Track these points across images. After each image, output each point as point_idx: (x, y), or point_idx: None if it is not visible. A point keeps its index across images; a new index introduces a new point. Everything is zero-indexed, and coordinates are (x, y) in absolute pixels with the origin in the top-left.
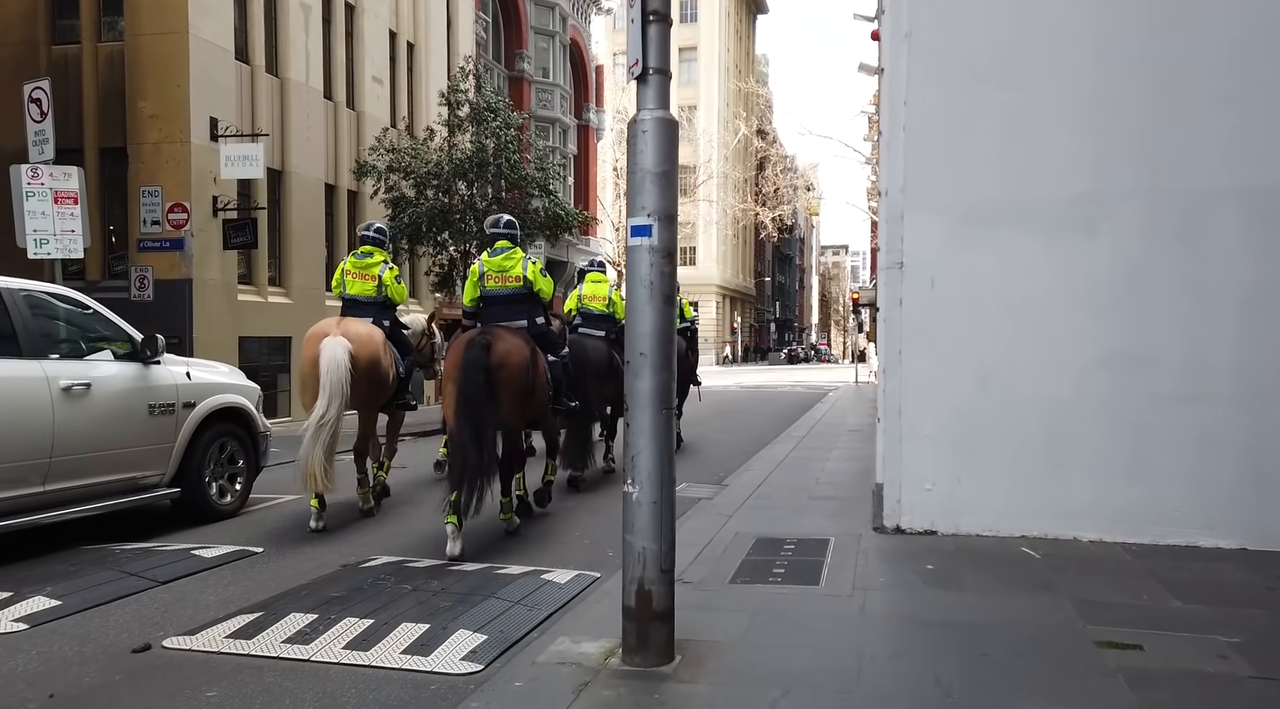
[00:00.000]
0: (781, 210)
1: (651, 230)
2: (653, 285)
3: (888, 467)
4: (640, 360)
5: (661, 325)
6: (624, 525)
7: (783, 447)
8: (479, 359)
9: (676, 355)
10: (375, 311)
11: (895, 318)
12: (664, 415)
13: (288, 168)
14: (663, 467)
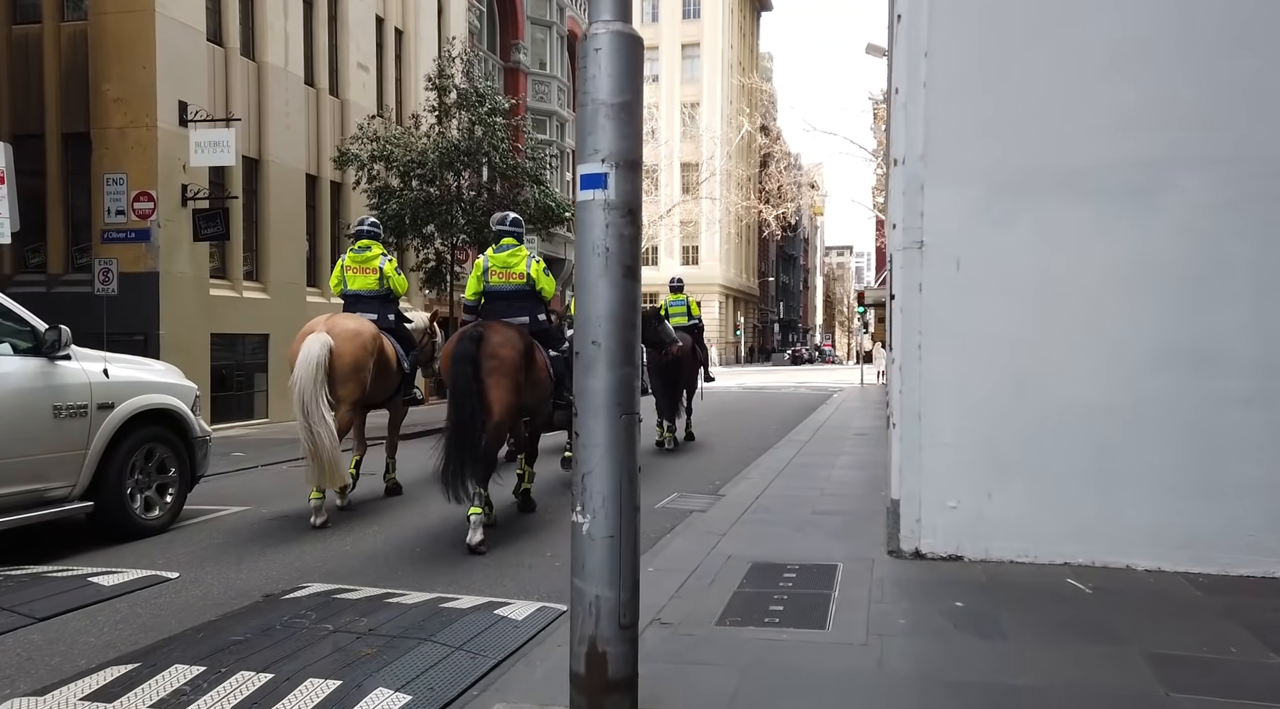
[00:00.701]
0: (785, 207)
1: (607, 180)
2: (609, 253)
3: (905, 480)
4: (593, 351)
5: (620, 306)
6: (572, 565)
7: (785, 451)
8: (469, 351)
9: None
10: (379, 305)
11: (914, 307)
12: (624, 422)
13: (266, 156)
14: (622, 489)
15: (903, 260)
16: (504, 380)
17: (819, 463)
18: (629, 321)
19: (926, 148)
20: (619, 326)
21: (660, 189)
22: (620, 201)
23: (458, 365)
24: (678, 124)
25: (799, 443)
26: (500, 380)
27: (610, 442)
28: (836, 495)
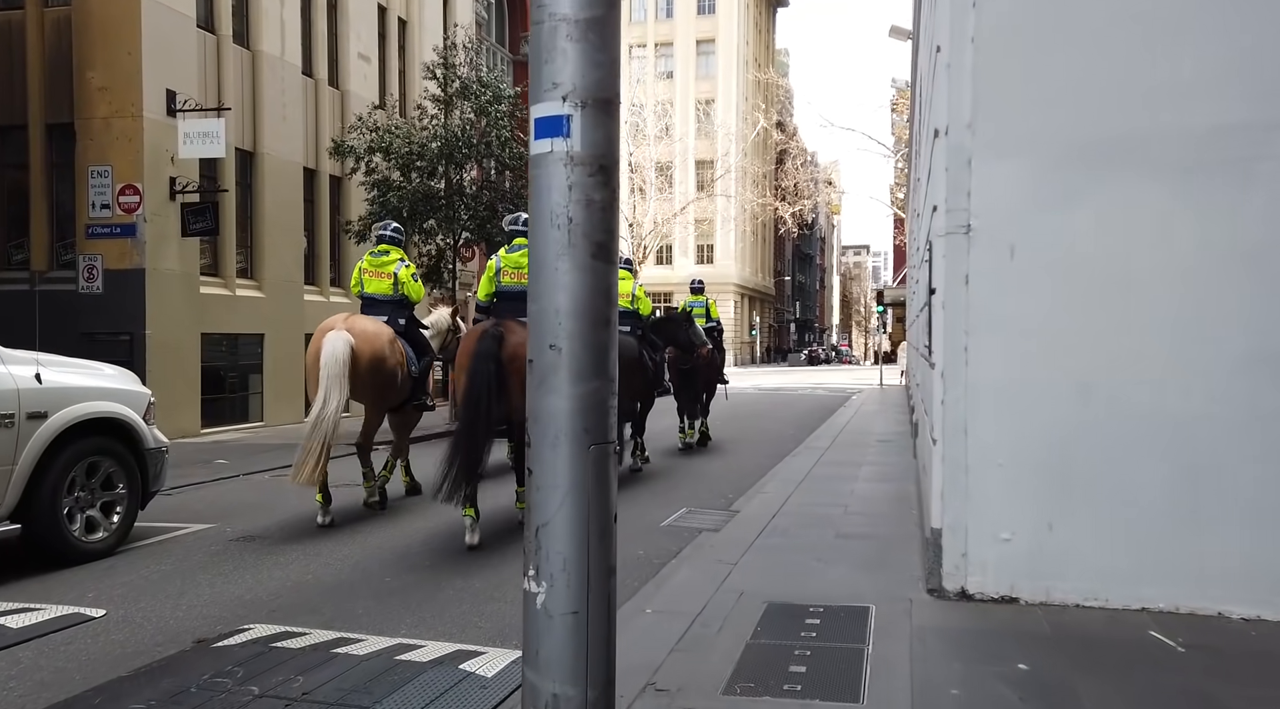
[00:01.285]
0: (802, 205)
1: (569, 125)
2: (572, 226)
3: (949, 506)
4: (550, 360)
5: (588, 297)
6: (523, 649)
7: (804, 460)
8: (490, 349)
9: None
10: (392, 310)
11: (959, 301)
12: (594, 456)
13: (260, 149)
14: (591, 548)
15: (946, 247)
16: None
17: (840, 474)
18: (600, 318)
19: (974, 114)
20: (586, 325)
21: (675, 185)
22: (588, 154)
23: (479, 362)
24: (692, 121)
25: (818, 450)
26: (522, 380)
27: (574, 482)
28: (862, 514)
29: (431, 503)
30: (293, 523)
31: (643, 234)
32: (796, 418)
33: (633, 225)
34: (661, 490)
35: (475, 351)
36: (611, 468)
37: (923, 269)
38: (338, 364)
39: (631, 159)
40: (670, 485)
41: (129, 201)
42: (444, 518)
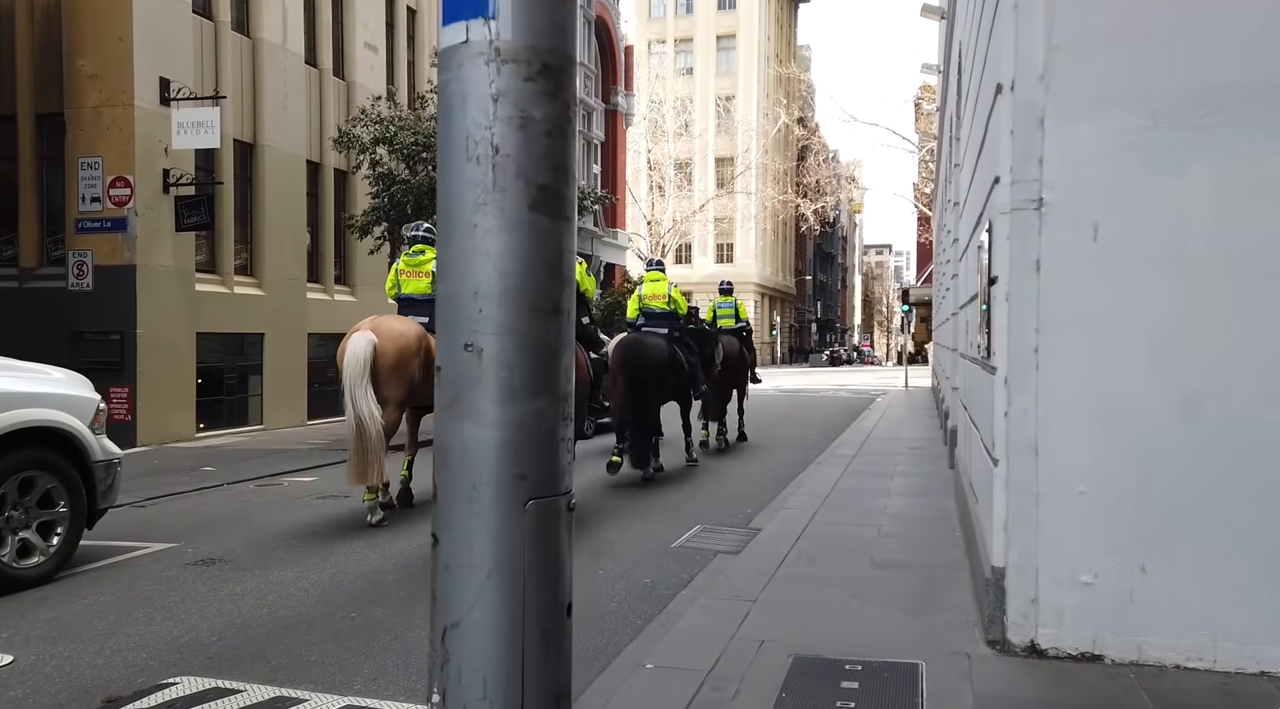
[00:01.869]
0: (824, 201)
1: (491, 2)
2: (499, 157)
3: (1015, 541)
4: (465, 365)
5: (524, 271)
6: None
7: (829, 469)
8: None
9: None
10: (430, 309)
11: (1028, 292)
12: (537, 515)
13: (261, 141)
14: (530, 666)
15: (1011, 227)
16: None
17: (870, 487)
18: (545, 304)
19: (1049, 63)
20: (522, 315)
21: (695, 182)
22: (523, 46)
23: None
24: (712, 117)
25: (844, 458)
26: None
27: (502, 559)
28: (898, 537)
29: (417, 520)
30: (263, 543)
31: (661, 232)
32: (820, 422)
33: (651, 223)
34: (675, 503)
35: None
36: (563, 533)
37: (968, 259)
38: (358, 364)
39: (650, 156)
40: (685, 497)
41: (119, 194)
42: (425, 539)
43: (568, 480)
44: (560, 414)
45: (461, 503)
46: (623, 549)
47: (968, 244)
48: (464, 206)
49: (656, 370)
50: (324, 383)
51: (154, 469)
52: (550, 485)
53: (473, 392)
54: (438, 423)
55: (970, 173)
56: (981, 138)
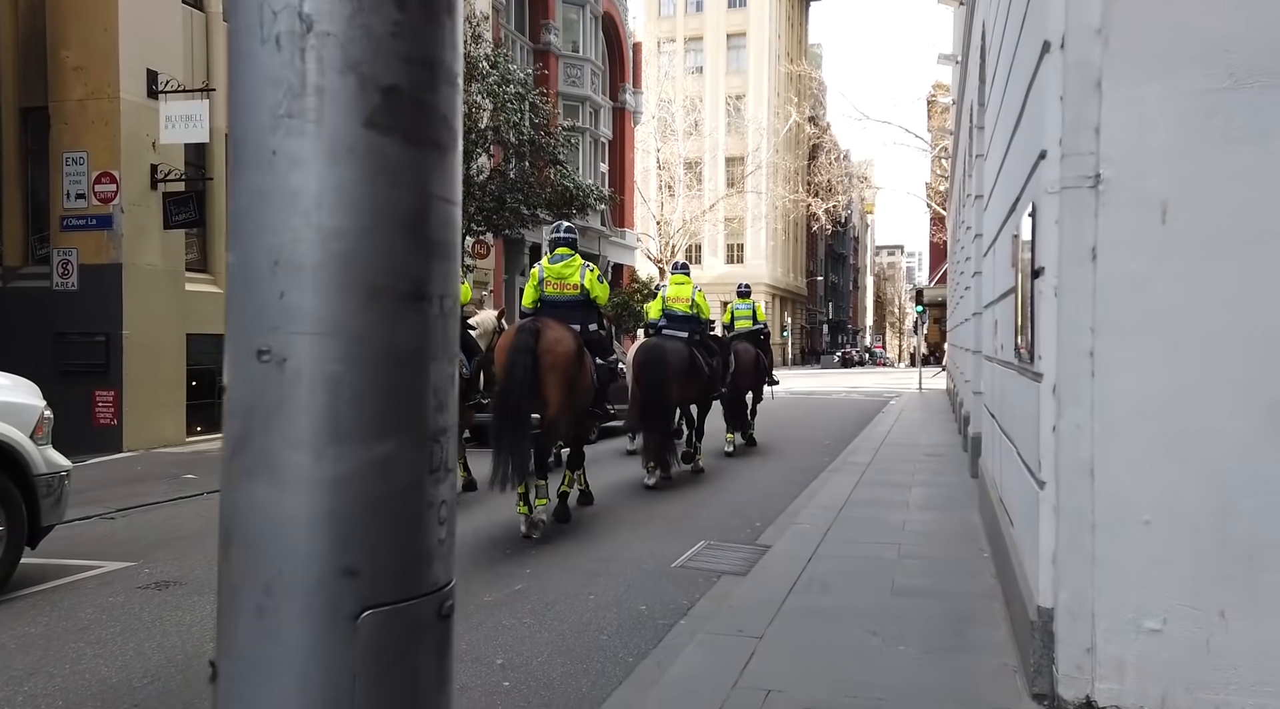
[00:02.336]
0: (836, 200)
1: None
2: (311, 32)
3: (1067, 578)
4: (256, 380)
5: (362, 227)
6: None
7: (843, 478)
8: (527, 343)
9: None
10: None
11: (1081, 285)
12: (372, 634)
13: None
14: None
15: (1061, 209)
16: (560, 376)
17: (887, 498)
18: (403, 287)
19: (1107, 14)
20: (355, 303)
21: (705, 182)
22: None
23: (515, 355)
24: (722, 116)
25: (858, 466)
26: (556, 376)
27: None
28: (921, 558)
29: None
30: None
31: (671, 232)
32: (832, 426)
33: (660, 223)
34: (679, 514)
35: (513, 345)
36: (430, 660)
37: (996, 253)
38: None
39: (660, 155)
40: (690, 507)
41: (105, 190)
42: None
43: (440, 572)
44: (427, 464)
45: (248, 614)
46: (619, 568)
47: (995, 236)
48: (257, 120)
49: (677, 374)
50: None
51: (134, 476)
52: (404, 584)
53: (267, 430)
54: (223, 474)
55: (1001, 154)
56: (1019, 110)
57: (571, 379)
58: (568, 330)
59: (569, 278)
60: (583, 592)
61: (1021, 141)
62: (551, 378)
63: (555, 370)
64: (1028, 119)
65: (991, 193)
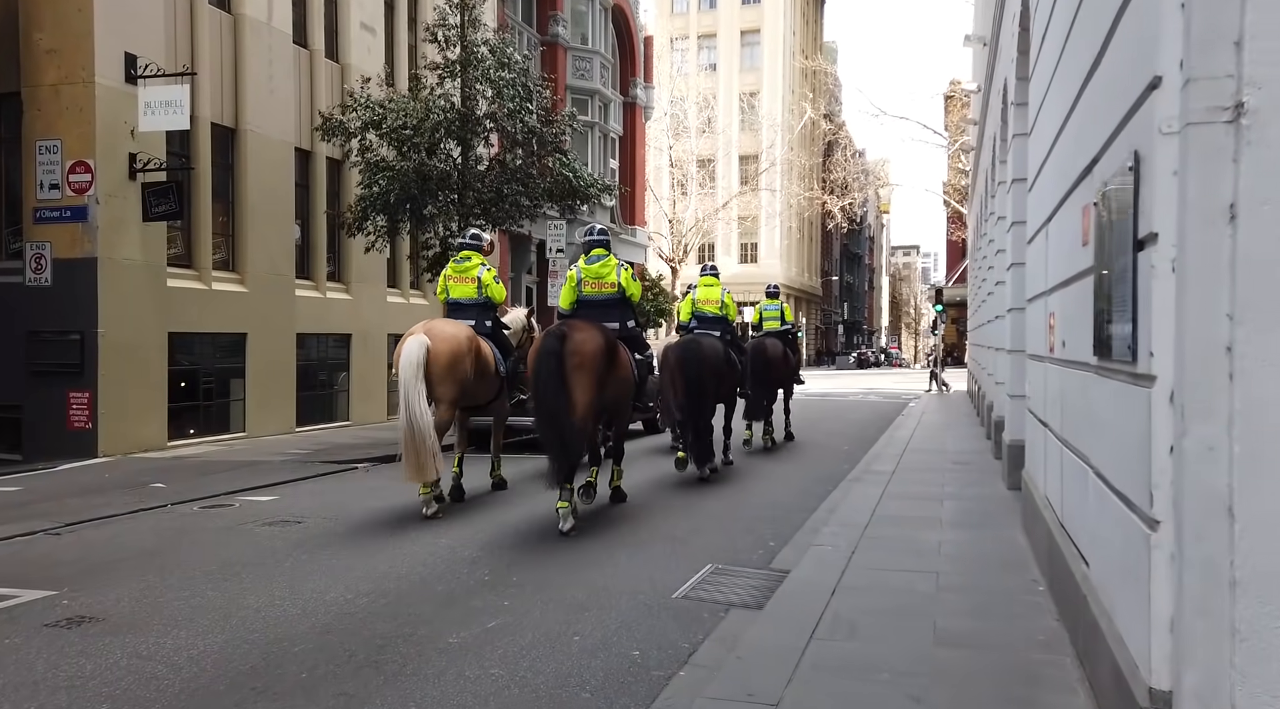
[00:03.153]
0: (852, 198)
1: None
2: None
3: (1193, 652)
4: None
5: None
6: None
7: (866, 489)
8: (553, 347)
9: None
10: (477, 313)
11: (1212, 255)
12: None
13: (243, 125)
14: None
15: (1183, 154)
16: (587, 375)
17: (917, 513)
18: None
19: None
20: None
21: (718, 180)
22: None
23: (542, 358)
24: (736, 114)
25: (882, 475)
26: (583, 375)
27: None
28: (964, 591)
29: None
30: (163, 589)
31: (684, 231)
32: (851, 430)
33: (673, 222)
34: (686, 531)
35: (540, 349)
36: None
37: (1051, 237)
38: (412, 367)
39: (672, 153)
40: (698, 522)
41: (80, 180)
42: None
43: None
44: None
45: None
46: (611, 600)
47: (1049, 217)
48: None
49: (714, 371)
50: (314, 386)
51: (99, 485)
52: None
53: None
54: None
55: (1063, 115)
56: (1101, 45)
57: (601, 377)
58: (595, 329)
59: (606, 277)
60: (566, 631)
61: (1106, 84)
62: (579, 378)
63: (582, 370)
64: (1119, 49)
65: (1041, 169)
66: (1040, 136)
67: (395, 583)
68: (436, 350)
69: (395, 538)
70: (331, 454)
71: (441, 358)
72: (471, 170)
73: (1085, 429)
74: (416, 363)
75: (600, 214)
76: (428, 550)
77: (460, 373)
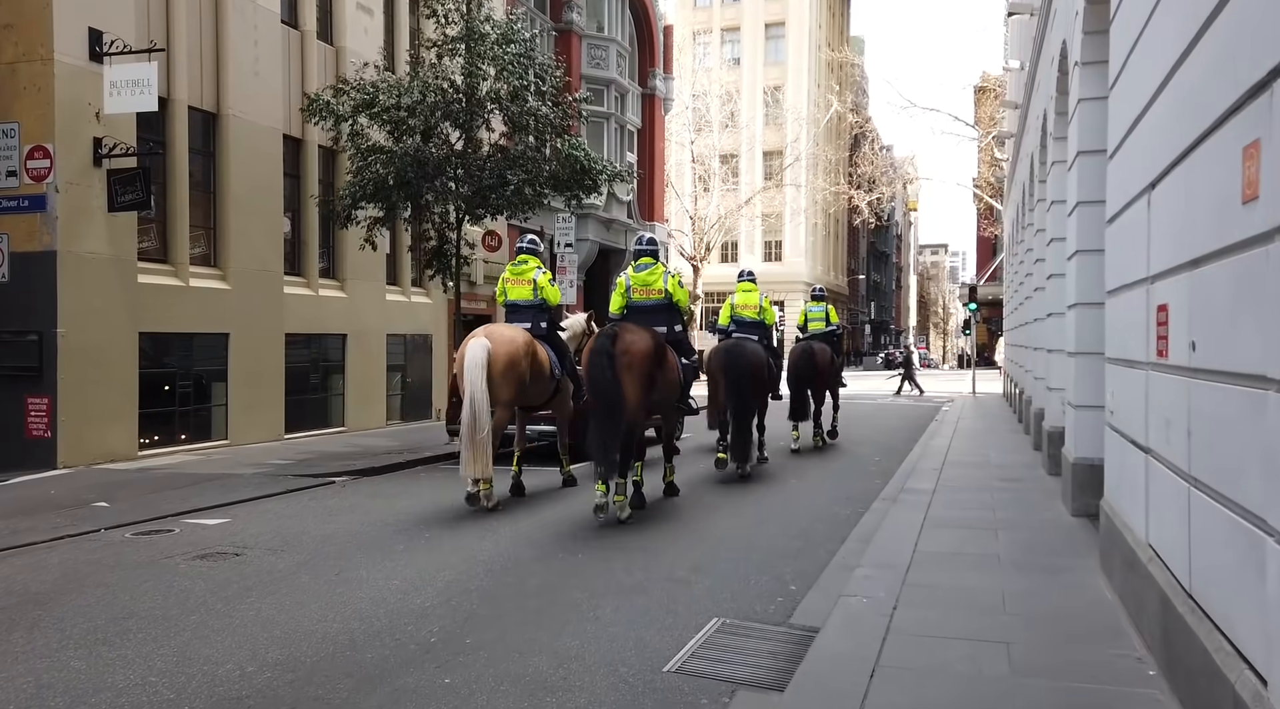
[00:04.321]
0: (881, 192)
1: None
2: None
3: None
4: None
5: None
6: None
7: (904, 514)
8: (605, 347)
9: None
10: (533, 314)
11: None
12: None
13: (226, 109)
14: None
15: None
16: (637, 375)
17: (967, 548)
18: None
19: None
20: None
21: (741, 176)
22: None
23: (595, 358)
24: (760, 108)
25: (920, 494)
26: (633, 375)
27: None
28: (1050, 673)
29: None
30: (10, 658)
31: (705, 228)
32: (881, 437)
33: (695, 220)
34: (690, 568)
35: (593, 349)
36: None
37: (1157, 203)
38: (476, 368)
39: (693, 148)
40: (707, 553)
41: (38, 167)
42: (292, 627)
43: None
44: None
45: None
46: (585, 676)
47: (1151, 183)
48: None
49: (754, 374)
50: (305, 390)
51: (38, 504)
52: None
53: None
54: None
55: (1195, 28)
56: None
57: (650, 377)
58: (644, 332)
59: (653, 284)
60: None
61: None
62: (629, 378)
63: (631, 370)
64: None
65: (1134, 128)
66: (1133, 88)
67: (315, 647)
68: (496, 353)
69: (340, 578)
70: (313, 466)
71: (500, 360)
72: (472, 156)
73: (1251, 473)
74: (480, 364)
75: (616, 208)
76: (373, 596)
77: (517, 374)
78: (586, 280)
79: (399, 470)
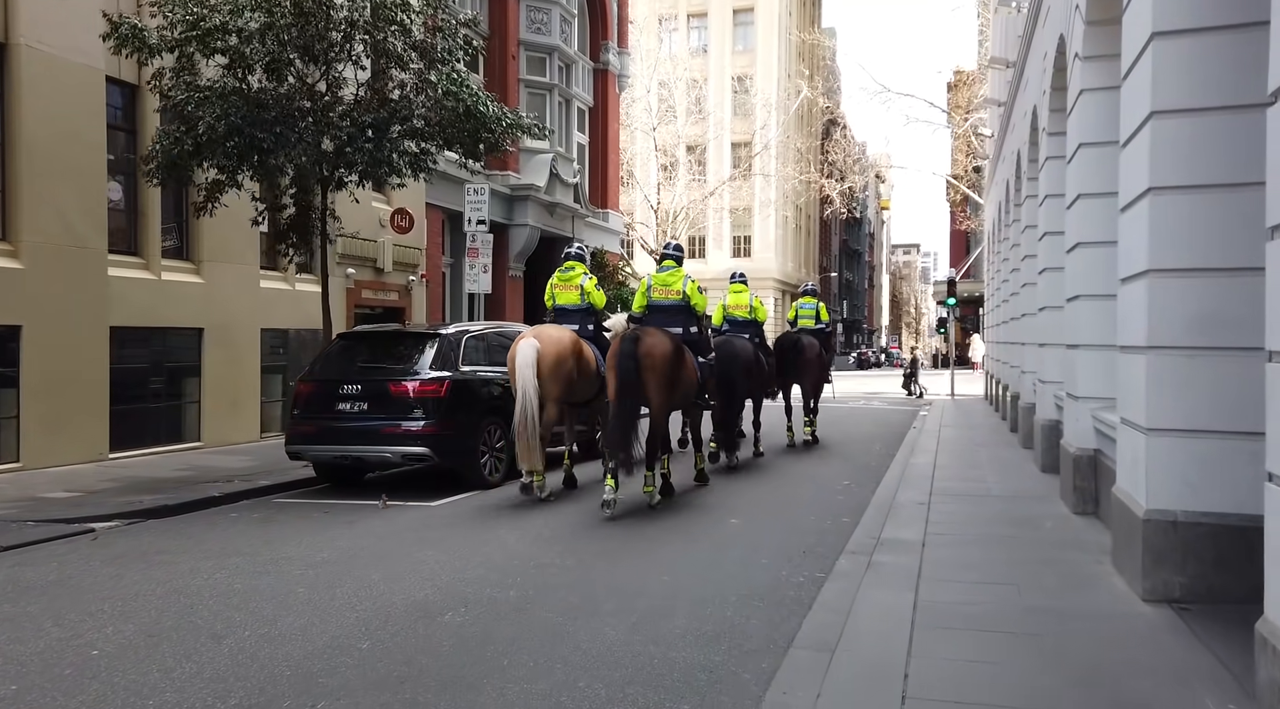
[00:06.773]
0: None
1: None
2: None
3: None
4: None
5: None
6: None
7: (879, 600)
8: (629, 350)
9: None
10: (580, 318)
11: None
12: None
13: (14, 38)
14: None
15: None
16: (659, 376)
17: (979, 590)
18: None
19: None
20: None
21: (708, 167)
22: None
23: (619, 360)
24: (728, 97)
25: (904, 553)
26: (655, 376)
27: None
28: None
29: None
30: None
31: (670, 220)
32: (852, 449)
33: (658, 211)
34: (625, 630)
35: (618, 353)
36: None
37: None
38: (527, 367)
39: (656, 136)
40: (653, 611)
41: None
42: None
43: None
44: None
45: None
46: None
47: None
48: None
49: (746, 369)
50: (139, 398)
51: None
52: None
53: None
54: None
55: None
56: None
57: (671, 377)
58: (665, 335)
59: (672, 285)
60: None
61: None
62: (651, 378)
63: (654, 371)
64: None
65: None
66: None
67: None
68: (544, 353)
69: None
70: (93, 502)
71: (548, 359)
72: (330, 98)
73: None
74: (530, 363)
75: (561, 191)
76: None
77: (565, 373)
78: (527, 270)
79: (216, 506)
